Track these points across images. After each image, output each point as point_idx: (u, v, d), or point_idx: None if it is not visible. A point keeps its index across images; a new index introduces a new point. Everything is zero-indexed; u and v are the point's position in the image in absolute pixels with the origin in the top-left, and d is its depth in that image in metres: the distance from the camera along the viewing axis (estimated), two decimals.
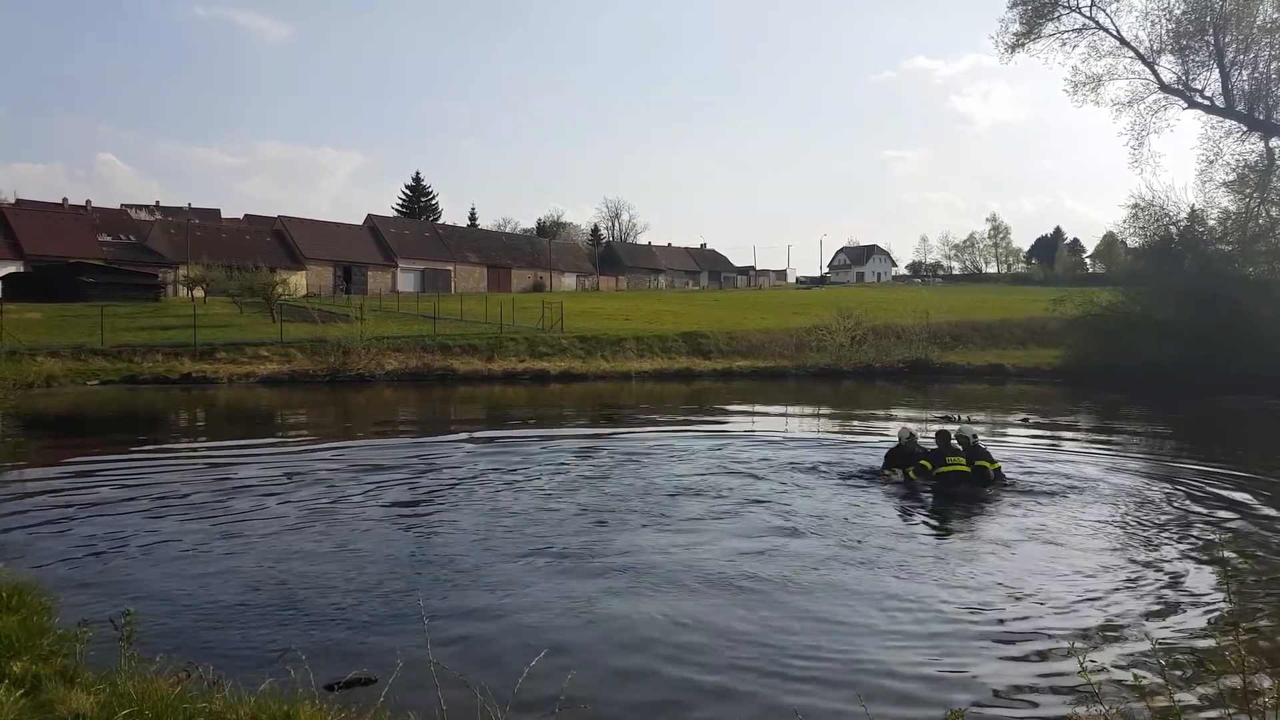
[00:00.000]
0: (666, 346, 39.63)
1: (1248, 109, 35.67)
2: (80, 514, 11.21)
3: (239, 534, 10.29)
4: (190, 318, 36.84)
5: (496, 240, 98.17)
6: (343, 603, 7.83)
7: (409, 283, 77.86)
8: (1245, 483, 13.74)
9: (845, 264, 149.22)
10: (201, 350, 33.12)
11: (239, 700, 4.97)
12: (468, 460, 15.63)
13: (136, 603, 7.07)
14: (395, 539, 10.20)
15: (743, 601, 7.94)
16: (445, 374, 33.35)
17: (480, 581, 8.46)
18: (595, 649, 6.82)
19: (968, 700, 5.82)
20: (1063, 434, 20.60)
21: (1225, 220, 36.34)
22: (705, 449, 16.76)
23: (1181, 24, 36.16)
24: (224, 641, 6.88)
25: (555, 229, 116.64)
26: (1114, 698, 5.66)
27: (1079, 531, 10.55)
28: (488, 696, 4.89)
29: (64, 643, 5.91)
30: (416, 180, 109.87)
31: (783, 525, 10.74)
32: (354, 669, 5.99)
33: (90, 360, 31.14)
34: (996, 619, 7.55)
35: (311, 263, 72.57)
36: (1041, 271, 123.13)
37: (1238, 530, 10.82)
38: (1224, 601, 7.74)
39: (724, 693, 6.10)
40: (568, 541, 9.90)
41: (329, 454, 16.36)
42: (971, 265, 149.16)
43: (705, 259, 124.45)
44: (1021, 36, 38.73)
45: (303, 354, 33.59)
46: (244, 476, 13.88)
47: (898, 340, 40.10)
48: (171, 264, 63.12)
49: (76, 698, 4.91)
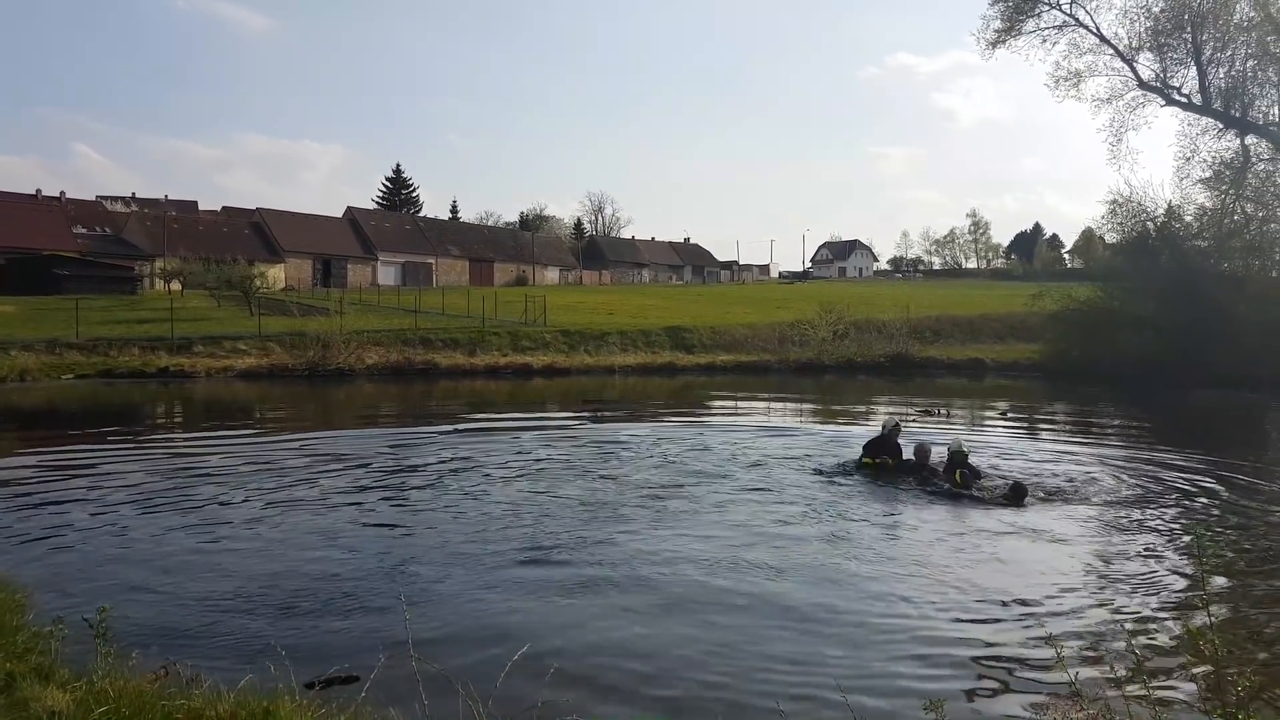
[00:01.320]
0: (650, 341, 39.66)
1: (1224, 106, 36.00)
2: (54, 509, 11.07)
3: (215, 529, 10.19)
4: (167, 311, 36.53)
5: (479, 233, 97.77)
6: (323, 599, 7.77)
7: (389, 276, 77.46)
8: (1220, 474, 13.88)
9: (827, 259, 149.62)
10: (179, 344, 32.83)
11: (218, 697, 4.92)
12: (448, 453, 15.56)
13: (112, 599, 6.98)
14: (375, 534, 10.14)
15: (722, 595, 7.94)
16: (427, 368, 33.21)
17: (462, 577, 8.42)
18: (577, 645, 6.80)
19: (946, 690, 5.84)
20: (1040, 427, 20.76)
21: (1202, 216, 36.75)
22: (689, 442, 16.76)
23: (1160, 22, 36.46)
24: (202, 638, 6.81)
25: (538, 222, 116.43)
26: (1091, 688, 5.69)
27: (1056, 524, 10.61)
28: (469, 692, 4.87)
29: (39, 640, 5.84)
30: (397, 173, 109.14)
31: (764, 519, 10.75)
32: (334, 666, 5.94)
33: (65, 354, 30.81)
34: (974, 611, 7.58)
35: (290, 256, 72.05)
36: (1021, 267, 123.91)
37: (1212, 521, 10.92)
38: (1198, 593, 7.79)
39: (705, 685, 6.09)
40: (550, 537, 9.87)
41: (306, 446, 16.24)
42: (952, 261, 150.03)
43: (689, 253, 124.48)
44: (1003, 33, 38.92)
45: (281, 348, 33.38)
46: (219, 470, 13.75)
47: (879, 335, 40.36)
48: (148, 257, 62.49)
49: (52, 695, 4.85)
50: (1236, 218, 35.70)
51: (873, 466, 13.24)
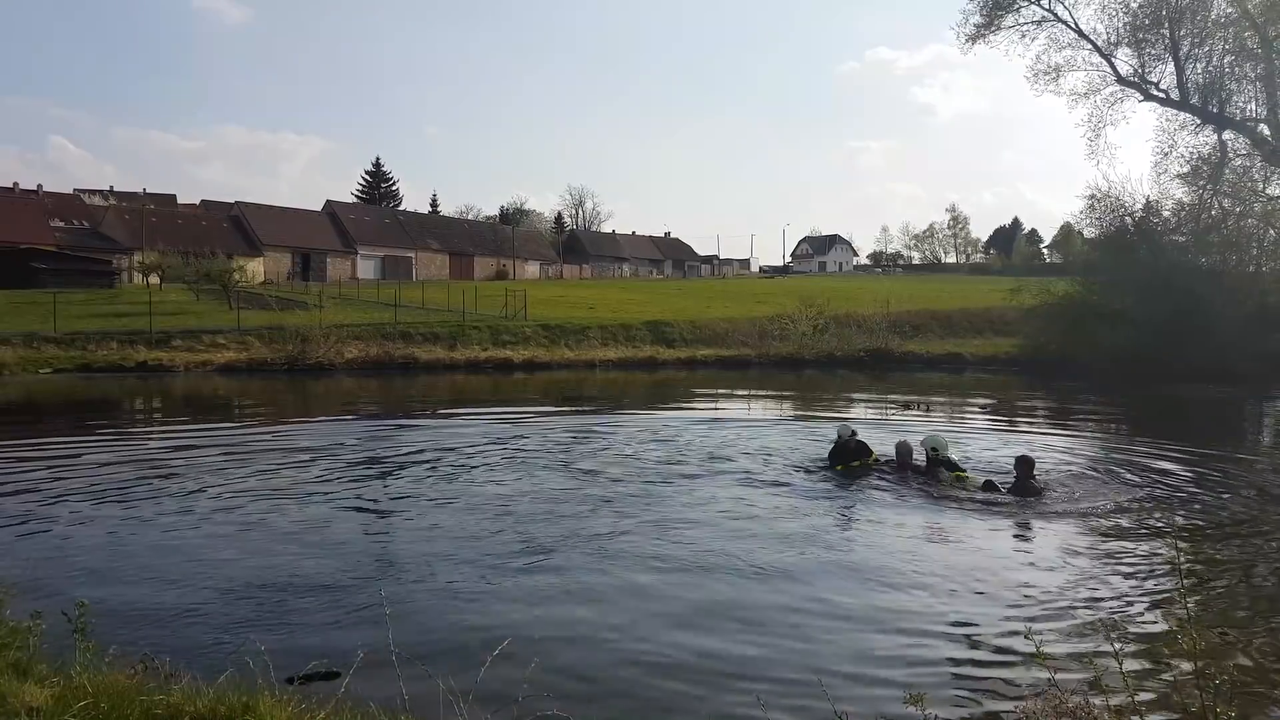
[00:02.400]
0: (631, 335, 39.67)
1: (1202, 102, 36.33)
2: (31, 502, 10.97)
3: (194, 522, 10.13)
4: (146, 305, 36.19)
5: (459, 227, 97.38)
6: (303, 592, 7.74)
7: (369, 270, 77.07)
8: (1197, 469, 14.03)
9: (808, 254, 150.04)
10: (157, 338, 32.59)
11: (197, 692, 4.89)
12: (427, 445, 15.51)
13: (90, 593, 6.93)
14: (356, 527, 10.10)
15: (707, 591, 7.97)
16: (407, 362, 33.11)
17: (442, 571, 8.40)
18: (559, 639, 6.80)
19: (926, 683, 5.88)
20: (1018, 420, 20.91)
21: (1179, 212, 37.04)
22: (669, 434, 16.79)
23: (1138, 17, 36.76)
24: (181, 633, 6.78)
25: (518, 216, 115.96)
26: (1071, 682, 5.75)
27: (1035, 520, 10.70)
28: (450, 687, 4.87)
29: (16, 635, 5.78)
30: (377, 166, 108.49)
31: (746, 513, 10.79)
32: (314, 660, 5.92)
33: (43, 348, 30.55)
34: (953, 605, 7.64)
35: (269, 249, 71.54)
36: (1000, 262, 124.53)
37: (1188, 516, 11.04)
38: (1178, 590, 7.89)
39: (687, 680, 6.11)
40: (530, 530, 9.86)
41: (284, 437, 16.15)
42: (931, 255, 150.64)
43: (669, 248, 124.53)
44: (982, 28, 39.17)
45: (260, 342, 33.22)
46: (197, 462, 13.65)
47: (859, 329, 40.52)
48: (126, 250, 61.87)
49: (30, 691, 4.81)
50: (1214, 213, 36.02)
51: (852, 470, 13.00)
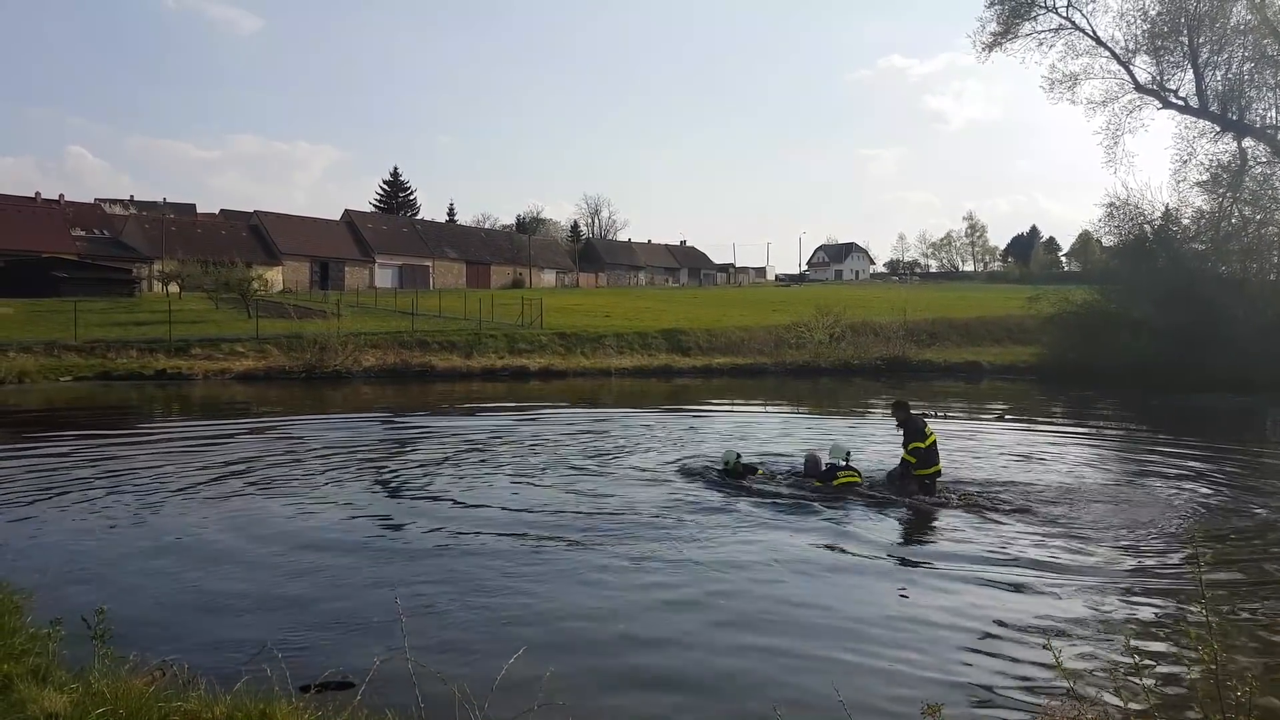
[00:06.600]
0: (646, 343, 39.66)
1: (1221, 109, 36.05)
2: (50, 509, 11.07)
3: (211, 530, 10.19)
4: (165, 314, 36.51)
5: (475, 236, 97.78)
6: (320, 600, 7.78)
7: (387, 279, 77.47)
8: (1217, 478, 13.90)
9: (824, 262, 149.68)
10: (177, 346, 32.84)
11: (214, 699, 4.92)
12: (443, 450, 15.54)
13: (109, 599, 6.98)
14: (372, 534, 10.13)
15: (723, 598, 7.95)
16: (424, 370, 33.22)
17: (457, 577, 8.42)
18: (575, 646, 6.80)
19: (944, 696, 5.85)
20: (1038, 430, 20.77)
21: (1199, 220, 36.77)
22: (685, 440, 16.75)
23: (1156, 25, 36.51)
24: (198, 639, 6.82)
25: (535, 225, 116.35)
26: (1089, 692, 5.71)
27: (1049, 527, 10.62)
28: (465, 695, 4.88)
29: (36, 641, 5.84)
30: (394, 176, 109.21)
31: (753, 521, 10.77)
32: (330, 667, 5.94)
33: (63, 356, 30.85)
34: (969, 615, 7.59)
35: (288, 258, 72.00)
36: (1018, 270, 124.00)
37: (1209, 523, 10.93)
38: (1197, 596, 7.81)
39: (701, 688, 6.10)
40: (546, 534, 9.86)
41: (301, 443, 16.22)
42: (949, 264, 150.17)
43: (685, 256, 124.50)
44: (999, 36, 39.01)
45: (279, 350, 33.41)
46: (215, 470, 13.73)
47: (875, 338, 40.33)
48: (146, 259, 62.47)
49: (49, 697, 4.85)
50: (1234, 221, 35.74)
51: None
